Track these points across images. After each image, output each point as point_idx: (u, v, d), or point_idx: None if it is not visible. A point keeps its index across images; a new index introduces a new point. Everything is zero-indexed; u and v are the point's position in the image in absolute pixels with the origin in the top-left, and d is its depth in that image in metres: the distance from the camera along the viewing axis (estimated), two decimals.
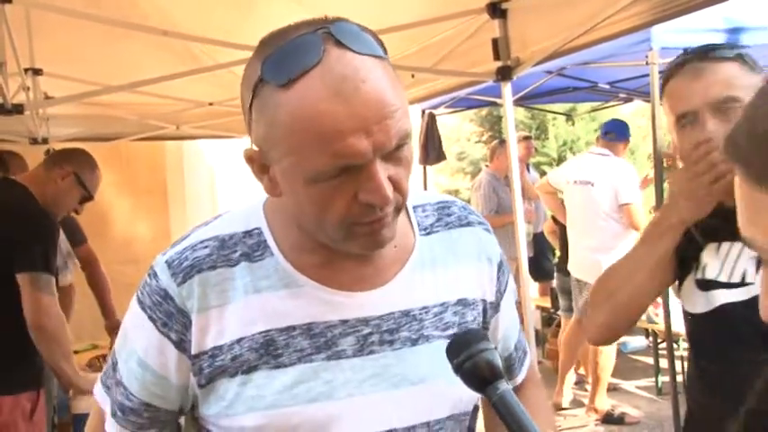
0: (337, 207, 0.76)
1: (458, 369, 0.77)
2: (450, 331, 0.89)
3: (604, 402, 4.42)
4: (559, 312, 5.11)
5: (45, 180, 2.45)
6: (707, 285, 1.30)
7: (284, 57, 0.73)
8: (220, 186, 6.31)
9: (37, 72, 3.14)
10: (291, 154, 0.75)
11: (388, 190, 0.75)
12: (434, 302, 0.89)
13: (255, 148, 0.80)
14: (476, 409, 0.93)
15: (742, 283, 1.27)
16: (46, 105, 3.50)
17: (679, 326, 1.99)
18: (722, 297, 1.28)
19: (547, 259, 6.03)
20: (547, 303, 5.67)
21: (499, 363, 0.76)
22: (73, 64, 3.24)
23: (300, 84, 0.72)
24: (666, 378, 4.44)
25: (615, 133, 4.44)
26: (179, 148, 5.94)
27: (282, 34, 0.76)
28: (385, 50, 0.78)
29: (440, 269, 0.91)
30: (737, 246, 1.28)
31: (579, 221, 4.40)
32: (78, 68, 3.24)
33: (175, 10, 2.63)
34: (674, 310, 3.46)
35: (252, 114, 0.77)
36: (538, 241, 5.86)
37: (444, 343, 0.80)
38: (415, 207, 0.94)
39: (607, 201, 4.20)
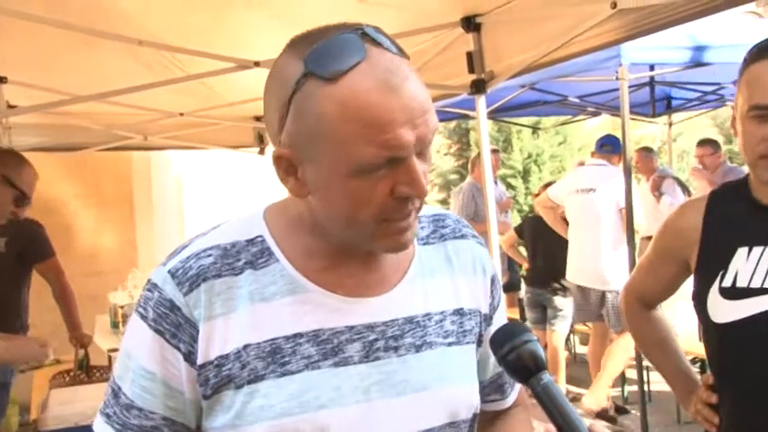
0: (374, 201, 0.77)
1: (502, 360, 0.78)
2: (451, 339, 0.89)
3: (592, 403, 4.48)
4: (528, 324, 5.16)
5: None
6: (741, 293, 1.26)
7: (330, 52, 0.75)
8: (188, 197, 6.21)
9: (0, 80, 3.06)
10: (337, 146, 0.75)
11: (424, 182, 0.78)
12: (435, 310, 0.90)
13: (285, 148, 0.79)
14: (475, 417, 0.93)
15: None
16: (10, 115, 3.40)
17: None
18: (759, 304, 1.24)
19: (513, 271, 6.10)
20: (515, 315, 5.71)
21: (542, 353, 0.77)
22: (38, 72, 3.15)
23: (349, 77, 0.74)
24: (633, 387, 4.49)
25: (611, 146, 4.60)
26: (146, 159, 5.84)
27: (318, 34, 0.77)
28: (406, 56, 0.80)
29: (438, 278, 0.92)
30: None
31: (581, 228, 4.50)
32: (43, 76, 3.15)
33: (147, 20, 2.59)
34: None
35: (290, 109, 0.77)
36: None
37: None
38: None
39: (607, 206, 4.34)
